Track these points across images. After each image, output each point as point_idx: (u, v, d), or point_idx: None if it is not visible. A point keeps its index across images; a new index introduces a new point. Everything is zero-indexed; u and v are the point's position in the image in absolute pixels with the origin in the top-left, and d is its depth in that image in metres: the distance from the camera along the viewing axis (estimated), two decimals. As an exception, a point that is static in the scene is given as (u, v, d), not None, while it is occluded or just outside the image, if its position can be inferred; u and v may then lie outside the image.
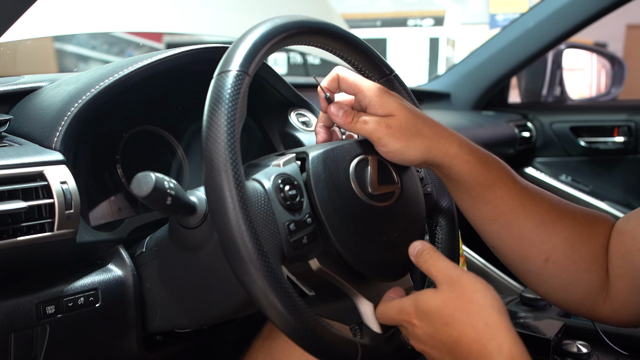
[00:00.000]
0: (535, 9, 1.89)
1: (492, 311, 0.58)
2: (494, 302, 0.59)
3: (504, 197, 0.72)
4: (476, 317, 0.58)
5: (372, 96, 0.70)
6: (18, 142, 0.77)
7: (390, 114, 0.69)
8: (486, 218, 0.74)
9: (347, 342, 0.62)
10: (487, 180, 0.71)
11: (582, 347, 0.94)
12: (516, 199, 0.72)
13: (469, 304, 0.59)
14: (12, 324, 0.68)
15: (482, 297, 0.59)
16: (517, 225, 0.73)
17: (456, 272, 0.61)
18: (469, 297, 0.59)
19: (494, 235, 0.75)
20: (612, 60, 2.41)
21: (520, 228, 0.73)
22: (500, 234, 0.74)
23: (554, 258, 0.73)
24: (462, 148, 0.70)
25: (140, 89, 0.83)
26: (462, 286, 0.60)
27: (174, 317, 0.78)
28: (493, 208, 0.73)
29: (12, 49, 1.27)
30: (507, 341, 0.56)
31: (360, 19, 4.84)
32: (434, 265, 0.63)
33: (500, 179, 0.72)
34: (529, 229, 0.73)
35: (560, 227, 0.73)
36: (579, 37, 2.27)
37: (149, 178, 0.59)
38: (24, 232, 0.68)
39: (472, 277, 0.61)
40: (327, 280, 0.71)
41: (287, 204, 0.66)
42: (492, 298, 0.59)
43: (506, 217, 0.73)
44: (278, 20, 0.67)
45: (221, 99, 0.59)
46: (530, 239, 0.73)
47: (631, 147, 1.98)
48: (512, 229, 0.73)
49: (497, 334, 0.57)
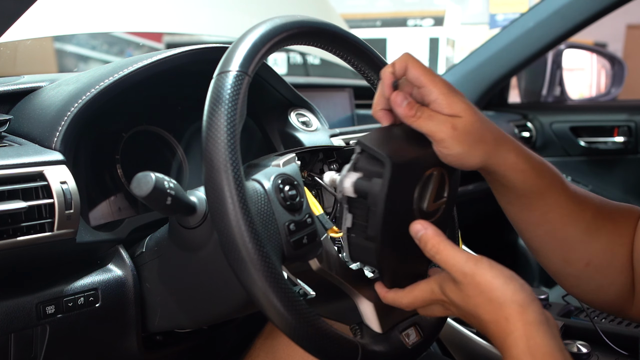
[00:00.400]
0: (535, 9, 1.88)
1: (513, 305, 0.57)
2: (514, 295, 0.57)
3: (553, 205, 0.71)
4: (498, 313, 0.57)
5: (439, 92, 0.65)
6: (18, 142, 0.77)
7: (457, 114, 0.65)
8: (532, 223, 0.73)
9: (347, 342, 0.62)
10: (539, 189, 0.70)
11: (582, 347, 0.94)
12: (565, 206, 0.71)
13: (489, 303, 0.58)
14: (12, 324, 0.68)
15: (501, 293, 0.57)
16: (562, 231, 0.72)
17: (469, 267, 0.59)
18: (488, 296, 0.58)
19: (538, 240, 0.74)
20: (612, 60, 2.41)
21: (565, 234, 0.72)
22: (544, 238, 0.73)
23: (594, 262, 0.73)
24: (518, 157, 0.68)
25: (140, 89, 0.83)
26: (479, 284, 0.58)
27: (174, 317, 0.78)
28: (542, 214, 0.72)
29: (12, 49, 1.27)
30: (524, 335, 0.55)
31: (360, 19, 4.84)
32: (446, 263, 0.61)
33: (552, 187, 0.71)
34: (574, 234, 0.72)
35: (604, 232, 0.72)
36: (579, 37, 2.27)
37: (149, 178, 0.59)
38: (24, 232, 0.68)
39: (487, 272, 0.58)
40: (327, 280, 0.71)
41: (287, 204, 0.66)
42: (513, 291, 0.57)
43: (553, 223, 0.72)
44: (278, 20, 0.67)
45: (221, 99, 0.59)
46: (574, 244, 0.72)
47: (631, 147, 1.98)
48: (557, 235, 0.72)
49: (515, 329, 0.56)
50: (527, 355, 0.55)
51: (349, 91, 1.60)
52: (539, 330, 0.56)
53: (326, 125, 1.06)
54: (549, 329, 0.56)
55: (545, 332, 0.56)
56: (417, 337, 0.72)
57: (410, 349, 0.70)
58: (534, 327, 0.56)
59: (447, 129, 0.64)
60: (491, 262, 0.59)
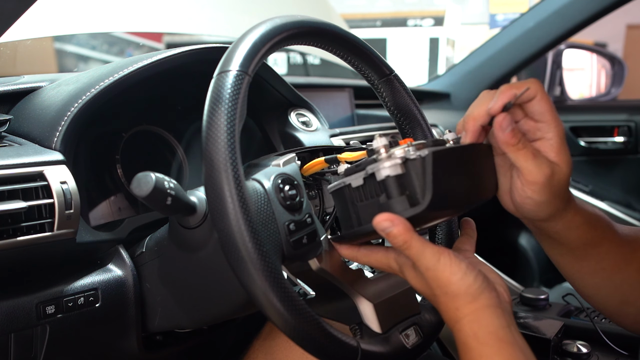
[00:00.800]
0: (535, 9, 1.88)
1: (465, 297, 0.58)
2: (468, 288, 0.58)
3: (608, 252, 0.70)
4: (450, 304, 0.59)
5: (557, 134, 0.62)
6: (18, 142, 0.77)
7: (560, 163, 0.63)
8: (586, 273, 0.72)
9: (347, 342, 0.62)
10: (593, 240, 0.69)
11: (582, 347, 0.94)
12: (618, 252, 0.70)
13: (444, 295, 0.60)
14: (12, 324, 0.68)
15: (456, 287, 0.59)
16: (618, 276, 0.71)
17: (433, 262, 0.59)
18: (444, 290, 0.59)
19: (593, 287, 0.73)
20: (612, 60, 2.41)
21: (621, 277, 0.71)
22: (600, 285, 0.72)
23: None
24: (577, 214, 0.67)
25: (140, 89, 0.84)
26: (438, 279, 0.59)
27: (174, 317, 0.78)
28: (596, 263, 0.71)
29: (12, 49, 1.27)
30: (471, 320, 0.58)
31: (360, 19, 4.84)
32: (414, 257, 0.60)
33: (605, 237, 0.70)
34: (629, 276, 0.71)
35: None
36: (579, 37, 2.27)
37: (149, 178, 0.59)
38: (24, 232, 0.68)
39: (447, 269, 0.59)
40: (327, 280, 0.71)
41: (287, 204, 0.66)
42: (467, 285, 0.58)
43: (608, 270, 0.71)
44: (278, 20, 0.67)
45: (221, 99, 0.59)
46: (631, 284, 0.71)
47: (631, 147, 1.97)
48: (613, 280, 0.71)
49: (464, 315, 0.58)
50: (471, 338, 0.57)
51: (349, 91, 1.60)
52: (485, 313, 0.58)
53: (326, 125, 1.06)
54: (497, 310, 0.58)
55: (492, 313, 0.58)
56: (417, 338, 0.72)
57: (410, 349, 0.70)
58: (481, 311, 0.58)
59: (546, 174, 0.62)
60: (452, 258, 0.59)
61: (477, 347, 0.57)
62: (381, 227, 0.58)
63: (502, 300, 0.60)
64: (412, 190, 0.59)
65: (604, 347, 0.96)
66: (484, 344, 0.56)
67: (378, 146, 0.60)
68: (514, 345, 0.57)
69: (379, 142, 0.60)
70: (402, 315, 0.73)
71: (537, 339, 0.93)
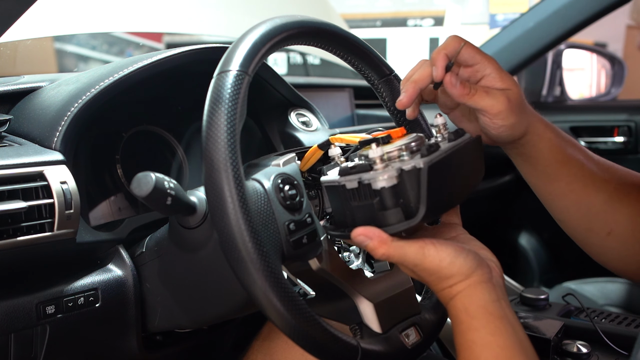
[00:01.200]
0: (535, 9, 1.88)
1: (458, 276, 0.60)
2: (460, 268, 0.60)
3: (577, 175, 0.75)
4: (444, 283, 0.61)
5: (493, 67, 0.69)
6: (18, 142, 0.77)
7: (508, 87, 0.69)
8: (558, 194, 0.77)
9: (347, 342, 0.62)
10: (564, 158, 0.74)
11: (582, 347, 0.94)
12: (589, 176, 0.75)
13: (439, 279, 0.61)
14: (12, 324, 0.68)
15: (448, 270, 0.60)
16: (586, 201, 0.76)
17: (419, 258, 0.60)
18: (438, 275, 0.61)
19: (562, 210, 0.79)
20: (612, 60, 2.40)
21: (588, 203, 0.76)
22: (570, 209, 0.78)
23: (616, 232, 0.76)
24: (546, 127, 0.73)
25: (141, 89, 0.84)
26: (428, 269, 0.61)
27: (174, 317, 0.78)
28: (566, 185, 0.76)
29: (12, 49, 1.27)
30: (463, 295, 0.60)
31: (360, 19, 4.84)
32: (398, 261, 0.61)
33: (576, 157, 0.75)
34: (596, 204, 0.76)
35: (626, 203, 0.76)
36: (579, 37, 2.27)
37: (149, 178, 0.59)
38: (24, 232, 0.68)
39: (434, 258, 0.60)
40: (327, 280, 0.71)
41: (287, 204, 0.66)
42: (459, 266, 0.60)
43: (577, 193, 0.76)
44: (278, 20, 0.67)
45: (221, 98, 0.59)
46: (597, 214, 0.76)
47: (631, 147, 1.97)
48: (580, 205, 0.76)
49: (457, 292, 0.60)
50: (462, 312, 0.60)
51: (349, 91, 1.60)
52: (476, 288, 0.60)
53: (326, 125, 1.06)
54: (488, 285, 0.61)
55: (484, 289, 0.60)
56: (417, 337, 0.72)
57: (410, 349, 0.70)
58: (473, 287, 0.60)
59: (503, 101, 0.68)
60: (437, 246, 0.60)
61: (467, 321, 0.59)
62: (358, 241, 0.60)
63: (494, 275, 0.63)
64: (406, 199, 0.59)
65: (604, 347, 0.96)
66: (473, 317, 0.59)
67: (374, 157, 0.60)
68: (503, 318, 0.59)
69: (375, 153, 0.60)
70: (402, 315, 0.73)
71: (537, 339, 0.93)
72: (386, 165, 0.60)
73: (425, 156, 0.59)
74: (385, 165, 0.60)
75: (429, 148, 0.60)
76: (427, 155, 0.59)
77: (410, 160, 0.60)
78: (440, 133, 0.66)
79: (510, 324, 0.59)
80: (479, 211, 2.05)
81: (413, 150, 0.62)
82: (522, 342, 0.59)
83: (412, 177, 0.59)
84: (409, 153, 0.61)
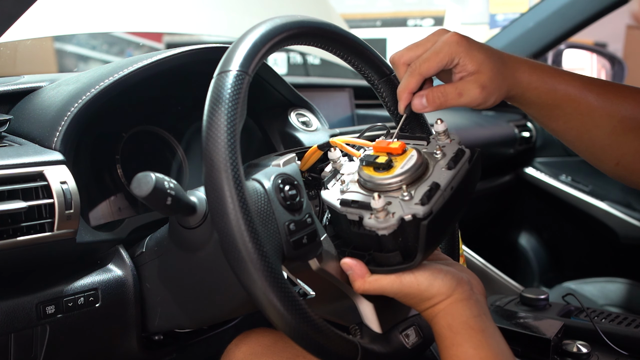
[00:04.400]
0: (535, 9, 1.88)
1: (439, 296, 0.64)
2: (440, 289, 0.63)
3: (572, 113, 0.77)
4: (427, 304, 0.64)
5: (461, 55, 0.70)
6: (18, 142, 0.77)
7: (478, 69, 0.70)
8: (559, 132, 0.81)
9: (347, 342, 0.62)
10: (554, 102, 0.76)
11: (582, 347, 0.94)
12: (586, 113, 0.77)
13: (421, 301, 0.65)
14: (12, 324, 0.68)
15: (428, 293, 0.63)
16: (587, 136, 0.79)
17: (396, 286, 0.64)
18: (419, 297, 0.64)
19: (570, 144, 0.82)
20: (612, 60, 2.40)
21: (591, 137, 0.79)
22: (574, 143, 0.81)
23: (623, 163, 0.79)
24: (531, 76, 0.74)
25: (140, 89, 0.84)
26: (408, 294, 0.64)
27: (174, 317, 0.78)
28: (564, 123, 0.78)
29: (12, 49, 1.27)
30: (446, 313, 0.63)
31: (360, 19, 4.83)
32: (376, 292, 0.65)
33: (567, 98, 0.76)
34: (599, 137, 0.78)
35: (631, 137, 0.77)
36: (579, 37, 2.27)
37: (149, 178, 0.59)
38: (24, 232, 0.68)
39: (412, 284, 0.63)
40: (327, 280, 0.71)
41: (287, 204, 0.66)
42: (438, 287, 0.63)
43: (577, 129, 0.78)
44: (278, 20, 0.67)
45: (221, 98, 0.59)
46: (602, 147, 0.79)
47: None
48: (583, 138, 0.79)
49: (439, 310, 0.64)
50: (446, 329, 0.63)
51: (349, 91, 1.60)
52: (457, 306, 0.63)
53: (326, 125, 1.06)
54: (469, 302, 0.64)
55: (464, 305, 0.63)
56: (417, 338, 0.72)
57: (410, 349, 0.70)
58: (454, 304, 0.63)
59: (478, 93, 0.70)
60: (413, 271, 0.64)
61: (451, 336, 0.63)
62: (344, 268, 0.66)
63: (475, 292, 0.66)
64: (405, 242, 0.63)
65: (604, 347, 0.96)
66: (456, 333, 0.62)
67: (376, 207, 0.62)
68: (484, 332, 0.62)
69: (378, 204, 0.62)
70: (402, 315, 0.73)
71: (537, 339, 0.93)
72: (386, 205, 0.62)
73: (425, 204, 0.61)
74: (385, 203, 0.62)
75: (429, 193, 0.62)
76: (427, 203, 0.61)
77: (410, 201, 0.62)
78: (441, 150, 0.68)
79: (493, 338, 0.63)
80: (479, 211, 2.05)
81: (414, 179, 0.64)
82: (504, 353, 0.63)
83: (412, 225, 0.62)
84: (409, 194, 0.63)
